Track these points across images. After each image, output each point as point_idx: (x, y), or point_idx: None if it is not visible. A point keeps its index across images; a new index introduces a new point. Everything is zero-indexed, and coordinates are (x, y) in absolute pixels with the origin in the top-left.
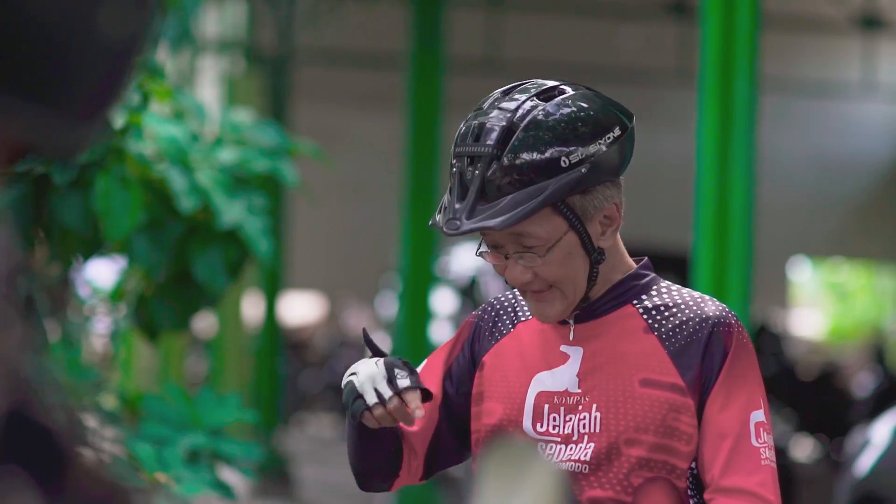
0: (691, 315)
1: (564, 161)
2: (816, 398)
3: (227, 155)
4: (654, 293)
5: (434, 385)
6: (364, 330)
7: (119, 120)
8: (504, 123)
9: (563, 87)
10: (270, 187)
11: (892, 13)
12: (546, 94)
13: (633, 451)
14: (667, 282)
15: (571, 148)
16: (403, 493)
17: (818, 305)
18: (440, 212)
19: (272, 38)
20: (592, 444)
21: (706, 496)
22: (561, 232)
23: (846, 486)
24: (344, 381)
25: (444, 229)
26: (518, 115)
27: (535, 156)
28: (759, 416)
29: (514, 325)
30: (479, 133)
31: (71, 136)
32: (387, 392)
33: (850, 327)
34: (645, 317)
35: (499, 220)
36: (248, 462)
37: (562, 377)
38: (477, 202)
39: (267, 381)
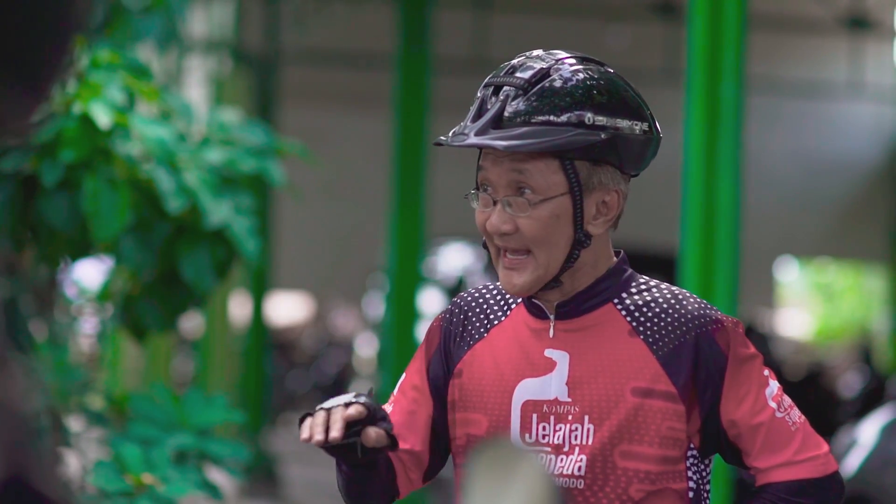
0: (676, 316)
1: (589, 119)
2: (803, 398)
3: (215, 155)
4: (633, 290)
5: (425, 396)
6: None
7: (105, 120)
8: (543, 66)
9: (610, 67)
10: (257, 187)
11: (879, 14)
12: (594, 62)
13: (631, 465)
14: (644, 277)
15: (600, 111)
16: None
17: (805, 306)
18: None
19: (259, 39)
20: (584, 457)
21: (758, 484)
22: (558, 191)
23: None
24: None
25: (449, 141)
26: (560, 63)
27: (563, 101)
28: (772, 389)
29: (486, 331)
30: (515, 69)
31: (29, 111)
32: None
33: (837, 327)
34: (628, 318)
35: (506, 143)
36: (236, 462)
37: (549, 385)
38: (490, 125)
39: (254, 381)
